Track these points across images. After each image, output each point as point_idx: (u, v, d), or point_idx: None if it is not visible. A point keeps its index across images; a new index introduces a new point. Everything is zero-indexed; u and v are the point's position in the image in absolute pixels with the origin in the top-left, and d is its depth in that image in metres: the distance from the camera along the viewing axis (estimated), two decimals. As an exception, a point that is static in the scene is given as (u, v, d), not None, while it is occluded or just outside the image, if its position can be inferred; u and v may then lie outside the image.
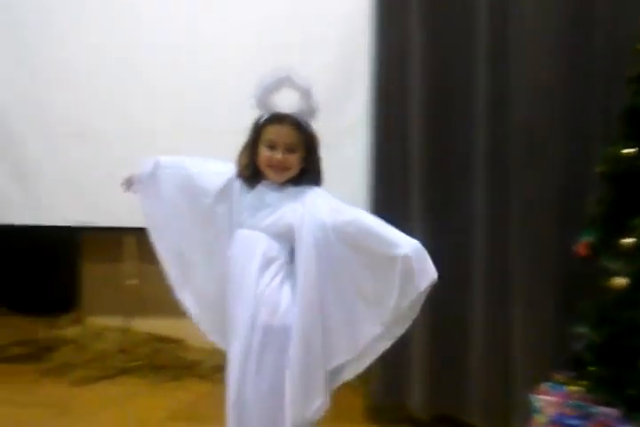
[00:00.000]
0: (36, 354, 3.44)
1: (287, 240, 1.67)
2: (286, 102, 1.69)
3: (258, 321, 1.63)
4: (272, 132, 1.68)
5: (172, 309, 3.58)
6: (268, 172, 1.71)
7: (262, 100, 1.69)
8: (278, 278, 1.67)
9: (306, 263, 1.62)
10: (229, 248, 1.73)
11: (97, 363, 3.26)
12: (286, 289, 1.66)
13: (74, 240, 3.84)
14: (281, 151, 1.67)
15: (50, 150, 3.45)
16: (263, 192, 1.72)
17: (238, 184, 1.75)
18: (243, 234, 1.71)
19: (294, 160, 1.69)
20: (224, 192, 1.76)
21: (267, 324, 1.63)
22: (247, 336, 1.63)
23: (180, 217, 1.81)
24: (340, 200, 1.67)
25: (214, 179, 1.77)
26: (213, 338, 1.87)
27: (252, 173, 1.73)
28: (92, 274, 3.81)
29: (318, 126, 1.75)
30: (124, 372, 3.22)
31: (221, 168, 1.79)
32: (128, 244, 3.58)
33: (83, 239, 3.82)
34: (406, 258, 1.51)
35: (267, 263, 1.66)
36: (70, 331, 3.62)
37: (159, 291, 3.55)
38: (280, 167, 1.69)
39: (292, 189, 1.71)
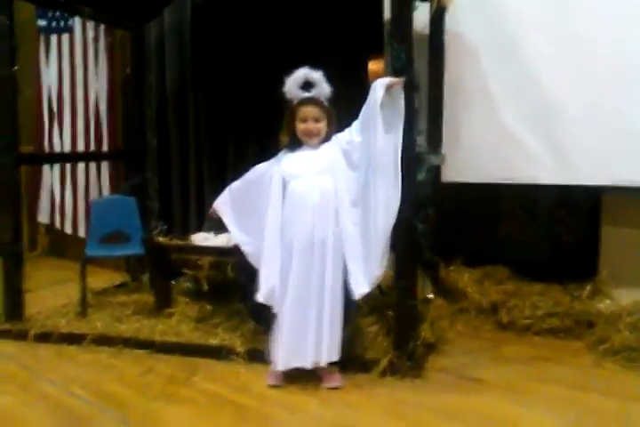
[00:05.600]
0: (574, 329, 3.13)
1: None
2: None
3: None
4: (303, 111, 2.52)
5: None
6: (305, 139, 2.56)
7: (292, 91, 2.53)
8: None
9: None
10: (288, 194, 2.54)
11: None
12: None
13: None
14: (310, 122, 2.51)
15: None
16: (306, 153, 2.56)
17: (281, 158, 2.62)
18: (301, 181, 2.52)
19: (321, 127, 2.54)
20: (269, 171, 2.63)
21: None
22: None
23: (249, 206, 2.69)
24: None
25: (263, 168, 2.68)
26: None
27: (293, 141, 2.59)
28: (616, 239, 3.34)
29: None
30: None
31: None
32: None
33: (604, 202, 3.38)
34: None
35: (325, 194, 2.47)
36: (605, 304, 3.21)
37: None
38: (312, 134, 2.54)
39: (323, 146, 2.56)
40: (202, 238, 3.24)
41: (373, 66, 4.06)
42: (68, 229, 5.02)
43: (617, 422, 2.20)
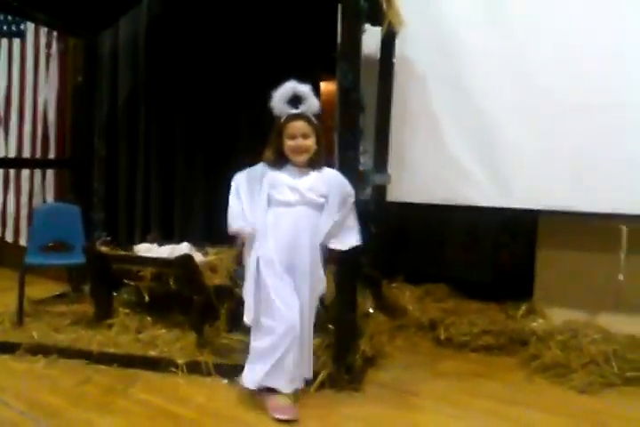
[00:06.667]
0: (508, 346, 3.23)
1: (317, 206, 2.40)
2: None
3: None
4: (291, 127, 2.37)
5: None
6: (292, 156, 2.40)
7: (279, 107, 2.38)
8: None
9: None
10: (278, 216, 2.39)
11: (591, 366, 2.88)
12: None
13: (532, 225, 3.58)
14: (299, 139, 2.36)
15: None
16: (293, 176, 2.41)
17: (265, 175, 2.42)
18: (287, 209, 2.40)
19: (310, 144, 2.39)
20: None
21: None
22: None
23: None
24: None
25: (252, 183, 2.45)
26: None
27: (278, 158, 2.43)
28: (550, 262, 3.48)
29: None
30: (628, 382, 2.80)
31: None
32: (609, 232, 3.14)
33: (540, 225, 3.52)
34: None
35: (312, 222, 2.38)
36: (538, 323, 3.33)
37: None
38: (301, 150, 2.38)
39: (312, 171, 2.43)
40: (145, 249, 3.23)
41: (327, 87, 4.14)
42: (9, 238, 4.89)
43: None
